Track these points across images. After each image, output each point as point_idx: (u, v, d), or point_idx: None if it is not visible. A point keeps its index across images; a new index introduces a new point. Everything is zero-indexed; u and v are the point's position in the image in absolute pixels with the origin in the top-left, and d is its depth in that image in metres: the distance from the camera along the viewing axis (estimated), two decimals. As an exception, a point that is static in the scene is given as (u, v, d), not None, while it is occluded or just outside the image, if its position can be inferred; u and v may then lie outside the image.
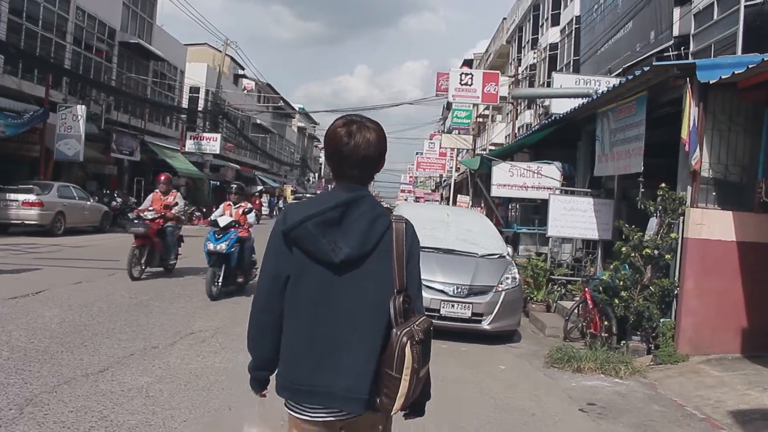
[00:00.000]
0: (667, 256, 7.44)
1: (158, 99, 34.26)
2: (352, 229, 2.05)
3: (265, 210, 44.12)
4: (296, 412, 2.10)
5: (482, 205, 27.03)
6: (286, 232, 2.07)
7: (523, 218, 13.42)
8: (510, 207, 14.33)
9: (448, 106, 68.12)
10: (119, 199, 23.64)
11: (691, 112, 7.33)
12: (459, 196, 29.61)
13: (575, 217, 10.56)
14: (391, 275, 2.08)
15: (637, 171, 8.58)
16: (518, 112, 35.57)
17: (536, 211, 13.41)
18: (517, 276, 8.07)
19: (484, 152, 37.12)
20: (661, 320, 7.40)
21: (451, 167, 38.40)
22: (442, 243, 8.22)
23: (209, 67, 41.17)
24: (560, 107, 15.99)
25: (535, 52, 26.87)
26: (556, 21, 29.68)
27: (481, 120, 46.02)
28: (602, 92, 9.59)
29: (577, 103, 14.93)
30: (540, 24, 33.00)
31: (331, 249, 2.03)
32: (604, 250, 10.98)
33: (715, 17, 14.52)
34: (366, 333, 2.06)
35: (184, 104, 39.05)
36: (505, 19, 42.70)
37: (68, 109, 21.89)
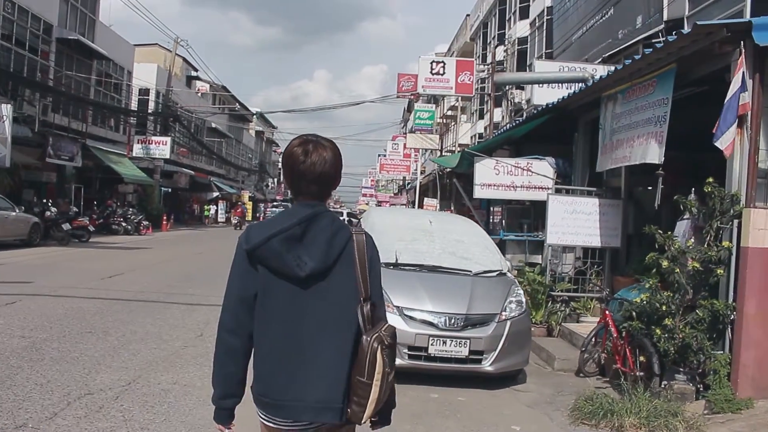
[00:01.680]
0: (719, 271, 5.75)
1: (103, 101, 31.79)
2: (315, 243, 2.12)
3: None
4: (268, 421, 2.14)
5: (452, 208, 25.37)
6: (250, 251, 2.11)
7: (510, 223, 11.74)
8: (492, 210, 12.62)
9: (409, 108, 66.72)
10: (53, 209, 21.26)
11: (738, 87, 5.70)
12: (425, 199, 27.89)
13: (578, 221, 8.88)
14: (355, 285, 2.16)
15: (654, 162, 6.89)
16: (486, 109, 34.13)
17: (524, 214, 11.74)
18: (523, 299, 6.31)
19: (452, 152, 35.61)
20: (713, 353, 5.72)
21: (416, 169, 36.66)
22: (427, 258, 6.40)
23: (160, 68, 38.79)
24: (543, 98, 14.37)
25: (504, 46, 25.41)
26: (524, 14, 28.27)
27: (443, 121, 44.53)
28: (613, 70, 7.90)
29: (560, 93, 13.44)
30: (507, 18, 31.59)
31: (296, 264, 2.08)
32: (612, 260, 9.33)
33: (714, -5, 13.07)
34: (336, 343, 2.12)
35: (133, 106, 36.63)
36: (468, 15, 41.29)
37: (-9, 108, 19.49)
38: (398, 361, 5.96)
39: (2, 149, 19.39)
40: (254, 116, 70.11)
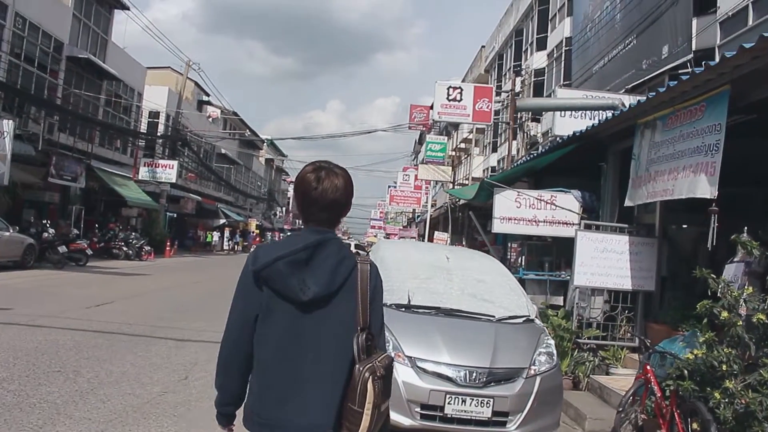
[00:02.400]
0: (789, 326, 4.88)
1: (111, 122, 31.32)
2: (320, 269, 2.13)
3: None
4: None
5: (463, 243, 24.51)
6: (257, 271, 2.14)
7: (530, 261, 10.87)
8: (510, 247, 11.76)
9: (420, 140, 66.26)
10: (51, 230, 20.55)
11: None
12: (436, 232, 27.02)
13: (609, 261, 8.03)
14: (355, 314, 2.15)
15: (705, 196, 6.06)
16: (501, 141, 33.46)
17: (546, 251, 10.87)
18: (554, 351, 5.42)
19: (464, 185, 34.84)
20: (781, 425, 4.81)
21: (427, 201, 35.91)
22: (444, 300, 5.55)
23: (171, 91, 38.46)
24: (565, 128, 13.60)
25: (521, 77, 24.76)
26: (542, 45, 27.68)
27: (456, 153, 43.90)
28: (653, 94, 7.11)
29: (583, 124, 12.68)
30: (523, 49, 31.06)
31: (300, 288, 2.11)
32: (645, 305, 8.44)
33: (750, 23, 12.35)
34: (331, 368, 2.12)
35: (143, 129, 36.20)
36: (483, 47, 40.86)
37: (-8, 124, 18.92)
38: (409, 422, 5.06)
39: (1, 167, 18.77)
40: (264, 143, 69.88)
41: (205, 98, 50.40)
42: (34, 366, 6.48)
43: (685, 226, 9.78)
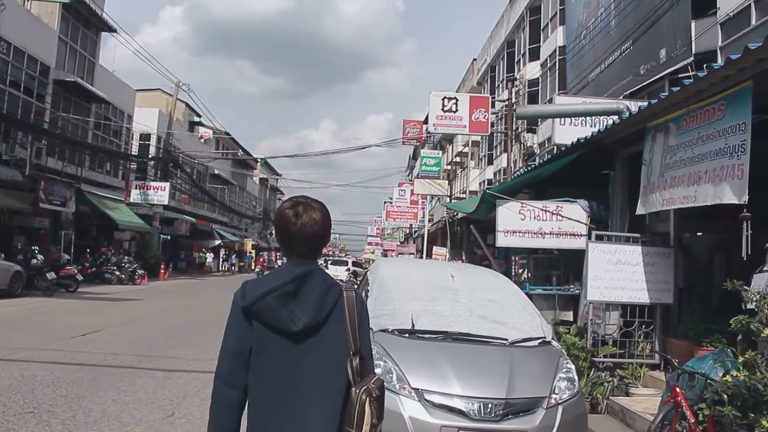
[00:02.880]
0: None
1: (101, 145, 30.84)
2: (308, 300, 2.19)
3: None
4: None
5: (462, 257, 24.01)
6: (246, 307, 2.18)
7: (536, 275, 10.36)
8: (514, 260, 11.25)
9: (415, 156, 65.96)
10: (40, 257, 19.98)
11: None
12: (434, 247, 26.58)
13: (623, 274, 7.55)
14: (345, 339, 2.23)
15: (733, 202, 5.58)
16: (496, 153, 33.08)
17: (552, 264, 10.36)
18: (575, 375, 4.91)
19: (460, 199, 34.41)
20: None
21: (424, 216, 35.47)
22: (451, 324, 5.03)
23: (161, 113, 38.04)
24: (566, 137, 13.18)
25: (515, 86, 24.30)
26: (535, 55, 27.35)
27: (451, 167, 43.54)
28: (664, 95, 6.67)
29: (584, 131, 12.24)
30: (516, 60, 30.75)
31: (290, 319, 2.15)
32: (663, 319, 7.94)
33: (753, 23, 11.97)
34: (327, 395, 2.18)
35: (133, 151, 35.73)
36: (475, 59, 40.60)
37: (-24, 150, 18.42)
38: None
39: (-14, 193, 18.26)
40: (258, 163, 69.46)
41: (196, 119, 50.01)
42: (5, 407, 5.94)
43: (699, 233, 9.31)
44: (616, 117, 9.69)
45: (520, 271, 11.21)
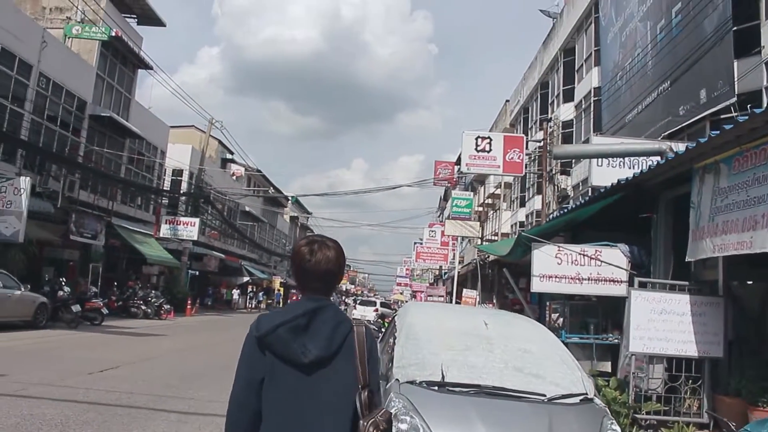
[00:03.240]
0: None
1: (133, 179, 31.17)
2: (319, 333, 2.29)
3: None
4: None
5: (494, 301, 23.40)
6: (260, 338, 2.28)
7: (572, 322, 9.84)
8: (548, 306, 10.73)
9: (446, 197, 65.63)
10: (67, 289, 19.93)
11: None
12: (464, 290, 25.96)
13: (669, 324, 7.03)
14: (354, 373, 2.32)
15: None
16: (528, 196, 32.61)
17: (589, 311, 9.84)
18: (621, 438, 4.42)
19: (491, 242, 33.85)
20: None
21: (454, 258, 34.95)
22: (484, 376, 4.59)
23: (194, 149, 38.44)
24: (603, 178, 12.73)
25: (550, 128, 23.88)
26: (569, 97, 27.03)
27: (483, 209, 43.04)
28: (714, 133, 6.25)
29: (622, 173, 11.79)
30: (549, 102, 30.45)
31: (301, 351, 2.25)
32: (713, 374, 7.36)
33: (801, 63, 11.52)
34: (335, 426, 2.27)
35: (166, 186, 36.08)
36: (508, 101, 40.47)
37: (8, 181, 18.57)
38: None
39: (16, 224, 18.34)
40: (289, 201, 69.73)
41: (228, 156, 50.50)
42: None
43: (750, 282, 8.73)
44: (659, 158, 9.27)
45: (555, 317, 10.70)
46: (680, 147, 8.31)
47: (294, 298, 45.18)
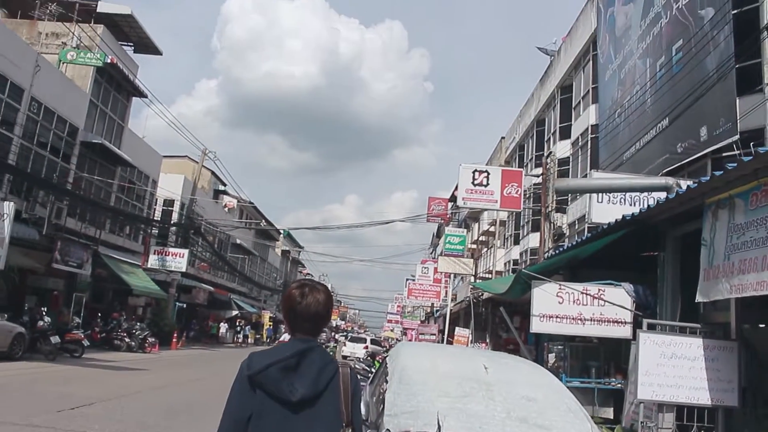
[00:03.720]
0: None
1: (123, 208, 30.67)
2: (307, 374, 2.42)
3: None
4: None
5: (486, 341, 22.82)
6: (251, 376, 2.38)
7: (572, 365, 9.34)
8: (546, 347, 10.21)
9: (438, 234, 65.24)
10: (47, 319, 19.28)
11: None
12: (457, 329, 25.37)
13: (679, 370, 6.56)
14: (339, 412, 2.45)
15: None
16: (523, 233, 32.25)
17: (591, 354, 9.35)
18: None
19: (485, 279, 33.35)
20: None
21: (447, 295, 34.39)
22: (485, 427, 4.07)
23: (186, 180, 38.07)
24: (603, 216, 12.37)
25: (548, 164, 23.52)
26: (565, 134, 26.86)
27: (477, 246, 42.60)
28: (731, 166, 5.88)
29: (623, 210, 11.43)
30: (546, 139, 30.28)
31: (290, 390, 2.37)
32: (727, 424, 6.86)
33: (808, 101, 11.26)
34: None
35: (157, 216, 35.58)
36: (503, 138, 40.38)
37: (-9, 206, 18.04)
38: None
39: (-1, 250, 17.73)
40: (281, 234, 69.15)
41: (221, 188, 50.12)
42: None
43: (762, 325, 8.28)
44: (664, 193, 8.92)
45: (552, 358, 10.18)
46: (683, 184, 7.96)
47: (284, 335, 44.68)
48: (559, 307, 8.20)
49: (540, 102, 31.13)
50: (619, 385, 8.65)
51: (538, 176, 19.62)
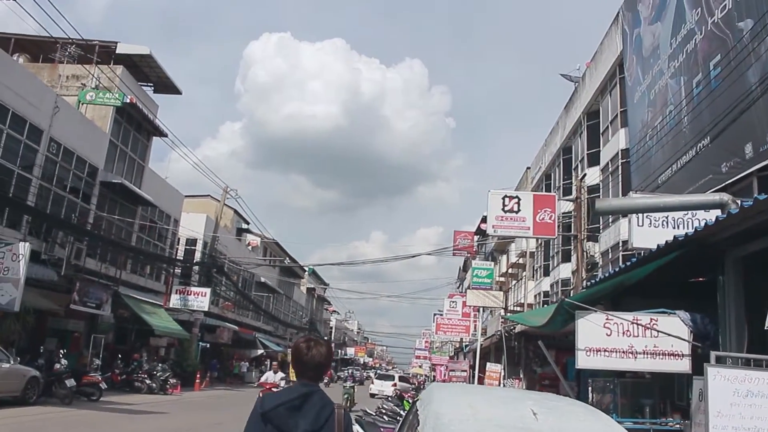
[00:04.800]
0: None
1: (145, 248, 30.32)
2: (308, 413, 3.05)
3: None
4: None
5: (521, 377, 21.73)
6: (264, 414, 3.03)
7: (624, 404, 8.40)
8: (590, 384, 9.26)
9: (465, 268, 64.14)
10: (64, 361, 18.71)
11: None
12: (488, 364, 24.28)
13: (758, 410, 5.62)
14: None
15: None
16: (553, 264, 31.24)
17: (644, 391, 8.41)
18: None
19: (515, 312, 32.24)
20: None
21: (476, 330, 33.31)
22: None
23: (209, 219, 37.73)
24: (645, 241, 11.50)
25: (578, 193, 22.70)
26: (594, 160, 25.97)
27: (505, 279, 41.51)
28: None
29: (666, 234, 10.56)
30: (573, 167, 29.40)
31: (294, 426, 3.00)
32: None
33: None
34: None
35: (179, 255, 35.21)
36: (529, 168, 39.57)
37: (7, 246, 17.64)
38: None
39: (13, 291, 17.28)
40: (305, 272, 68.57)
41: (244, 226, 49.81)
42: None
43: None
44: (708, 215, 8.08)
45: (598, 396, 9.23)
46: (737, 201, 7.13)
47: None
48: (607, 340, 7.33)
49: (566, 129, 30.36)
50: (678, 426, 7.71)
51: (572, 200, 18.70)
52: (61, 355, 19.23)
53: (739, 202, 7.47)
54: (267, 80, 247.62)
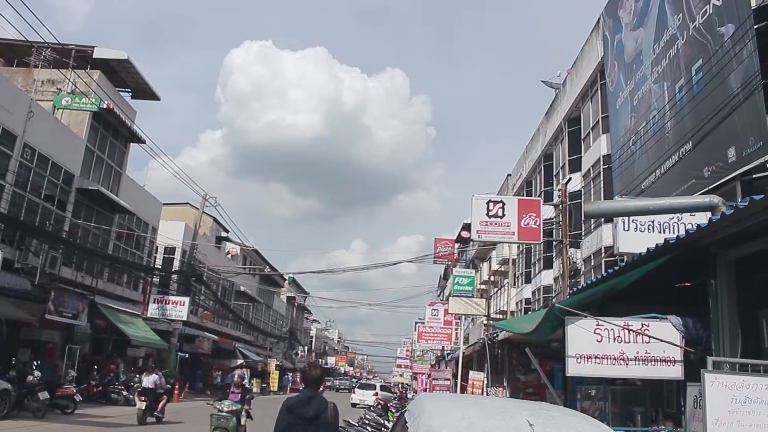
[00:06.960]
0: None
1: (122, 256, 29.71)
2: (312, 405, 5.37)
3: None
4: None
5: (504, 385, 21.54)
6: (288, 407, 5.38)
7: (614, 412, 8.21)
8: (578, 391, 9.06)
9: (445, 276, 64.05)
10: (38, 373, 18.15)
11: None
12: (471, 372, 24.12)
13: (757, 417, 5.45)
14: (328, 422, 5.40)
15: None
16: (535, 271, 31.17)
17: (634, 398, 8.24)
18: None
19: (497, 319, 32.07)
20: None
21: (458, 337, 33.13)
22: None
23: (187, 227, 37.15)
24: (631, 245, 11.38)
25: (566, 187, 22.58)
26: (575, 167, 25.96)
27: (484, 287, 41.42)
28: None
29: (652, 239, 10.43)
30: (554, 173, 29.40)
31: (305, 411, 5.32)
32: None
33: None
34: None
35: (157, 264, 34.59)
36: (509, 175, 39.59)
37: (-22, 255, 17.13)
38: None
39: (-18, 302, 16.76)
40: (285, 280, 68.04)
41: (224, 234, 49.24)
42: None
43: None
44: (695, 218, 7.95)
45: (587, 404, 9.04)
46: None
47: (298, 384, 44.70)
48: (597, 346, 7.14)
49: (547, 136, 30.39)
50: (669, 434, 7.55)
51: (556, 206, 18.59)
52: (34, 367, 18.66)
53: (732, 204, 7.34)
54: (248, 88, 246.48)
